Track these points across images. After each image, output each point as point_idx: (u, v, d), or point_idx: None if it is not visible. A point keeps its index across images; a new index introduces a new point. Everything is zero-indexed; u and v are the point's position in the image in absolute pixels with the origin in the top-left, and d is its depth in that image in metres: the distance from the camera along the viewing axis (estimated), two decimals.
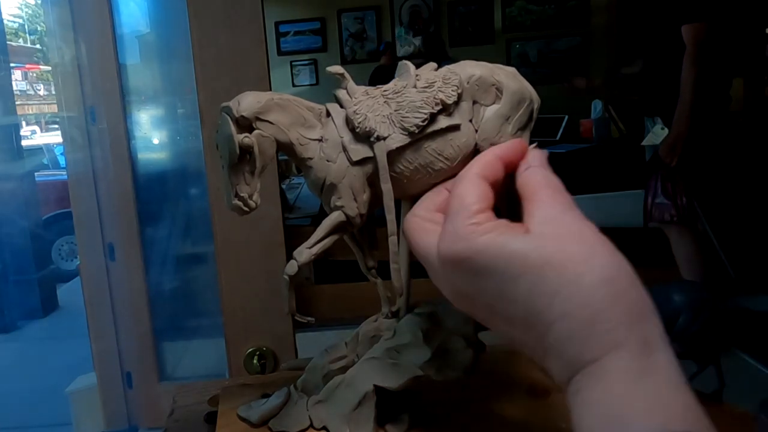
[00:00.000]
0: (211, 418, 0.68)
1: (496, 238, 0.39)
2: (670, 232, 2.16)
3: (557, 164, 0.45)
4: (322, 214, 0.59)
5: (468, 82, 0.55)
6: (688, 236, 2.14)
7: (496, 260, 0.38)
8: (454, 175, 0.52)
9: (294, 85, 5.62)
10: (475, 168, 0.46)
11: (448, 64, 0.58)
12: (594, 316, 0.34)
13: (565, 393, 0.36)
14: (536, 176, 0.44)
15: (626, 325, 0.34)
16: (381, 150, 0.54)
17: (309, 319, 0.62)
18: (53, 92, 2.08)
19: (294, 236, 1.24)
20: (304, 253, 0.57)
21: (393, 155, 0.55)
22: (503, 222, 0.41)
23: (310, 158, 0.57)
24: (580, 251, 0.37)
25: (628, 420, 0.32)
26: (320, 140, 0.57)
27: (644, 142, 2.36)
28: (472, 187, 0.44)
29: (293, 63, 5.69)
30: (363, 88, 0.57)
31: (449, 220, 0.42)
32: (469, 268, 0.39)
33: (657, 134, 2.24)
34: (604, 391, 0.33)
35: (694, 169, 2.11)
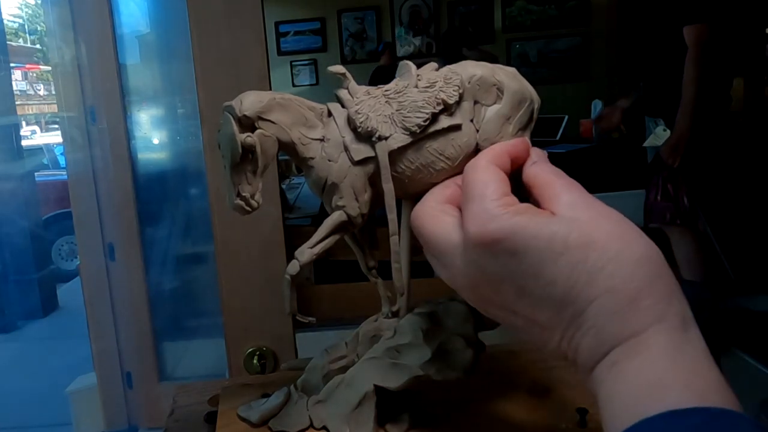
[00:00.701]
0: (211, 418, 0.68)
1: (532, 218, 0.39)
2: (671, 232, 2.16)
3: (557, 164, 0.45)
4: (323, 214, 0.59)
5: (469, 82, 0.55)
6: (688, 237, 2.14)
7: (536, 240, 0.38)
8: (455, 175, 0.53)
9: (294, 85, 5.63)
10: (487, 157, 0.46)
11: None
12: (637, 292, 0.35)
13: (589, 371, 0.37)
14: (546, 168, 0.44)
15: (666, 301, 0.36)
16: (383, 150, 0.54)
17: (310, 319, 0.63)
18: (53, 92, 2.08)
19: (294, 236, 1.24)
20: (306, 252, 0.58)
21: (394, 155, 0.55)
22: (531, 206, 0.41)
23: (312, 158, 0.57)
24: (617, 230, 0.38)
25: (668, 389, 0.33)
26: (322, 140, 0.57)
27: (646, 144, 2.36)
28: (489, 173, 0.44)
29: (293, 63, 5.70)
30: (364, 87, 0.57)
31: (473, 203, 0.42)
32: (505, 248, 0.39)
33: (659, 135, 2.24)
34: (644, 363, 0.34)
35: (695, 170, 2.11)
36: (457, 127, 0.54)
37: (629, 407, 0.33)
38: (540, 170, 0.44)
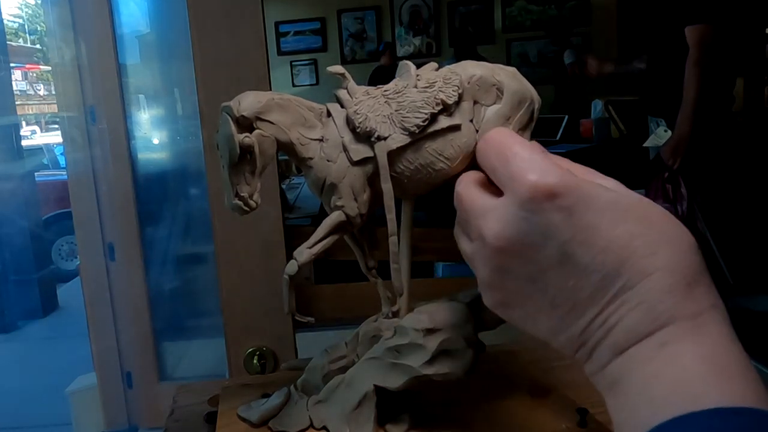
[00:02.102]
0: (211, 418, 0.68)
1: (588, 181, 0.38)
2: None
3: None
4: (322, 214, 0.59)
5: (469, 82, 0.55)
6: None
7: (597, 201, 0.36)
8: (454, 176, 0.52)
9: (294, 85, 5.63)
10: (502, 128, 0.45)
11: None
12: (693, 276, 0.35)
13: (620, 352, 0.35)
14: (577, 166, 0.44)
15: (715, 292, 0.35)
16: (381, 150, 0.54)
17: (309, 319, 0.63)
18: (53, 92, 2.09)
19: (294, 236, 1.24)
20: (305, 253, 0.58)
21: (393, 155, 0.55)
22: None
23: (311, 158, 0.57)
24: (669, 217, 0.37)
25: (729, 380, 0.32)
26: (321, 140, 0.57)
27: (646, 144, 2.35)
28: (518, 138, 0.43)
29: (293, 63, 5.70)
30: (363, 88, 0.57)
31: (519, 159, 0.39)
32: (561, 204, 0.36)
33: (660, 136, 2.22)
34: (700, 348, 0.33)
35: (696, 171, 2.11)
36: (456, 128, 0.54)
37: (682, 391, 0.32)
38: (573, 165, 0.43)
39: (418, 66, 0.58)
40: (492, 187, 0.43)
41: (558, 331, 0.38)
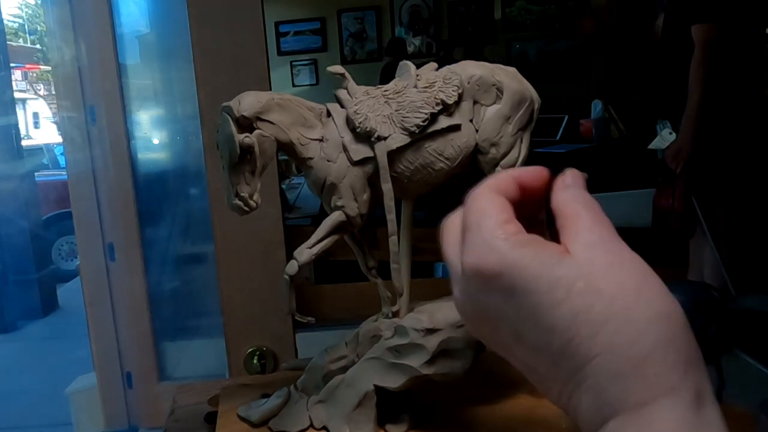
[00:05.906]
0: (211, 418, 0.68)
1: (537, 255, 0.34)
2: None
3: (557, 164, 0.44)
4: (322, 214, 0.59)
5: (468, 82, 0.55)
6: (705, 241, 2.10)
7: (537, 281, 0.34)
8: (454, 175, 0.53)
9: (294, 85, 5.62)
10: (489, 184, 0.40)
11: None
12: (646, 355, 0.31)
13: None
14: (578, 197, 0.39)
15: (680, 371, 0.31)
16: (381, 150, 0.54)
17: (309, 318, 0.63)
18: (53, 92, 2.09)
19: (294, 236, 1.24)
20: (305, 253, 0.58)
21: (393, 155, 0.55)
22: (537, 237, 0.36)
23: (311, 158, 0.57)
24: (632, 282, 0.33)
25: None
26: (321, 140, 0.57)
27: (651, 146, 2.33)
28: (487, 201, 0.38)
29: (293, 63, 5.69)
30: (363, 88, 0.58)
31: (470, 233, 0.37)
32: (502, 285, 0.35)
33: (665, 139, 2.20)
34: None
35: (699, 176, 2.07)
36: (456, 128, 0.54)
37: None
38: (569, 198, 0.39)
39: (418, 66, 0.58)
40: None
41: (546, 395, 0.37)
